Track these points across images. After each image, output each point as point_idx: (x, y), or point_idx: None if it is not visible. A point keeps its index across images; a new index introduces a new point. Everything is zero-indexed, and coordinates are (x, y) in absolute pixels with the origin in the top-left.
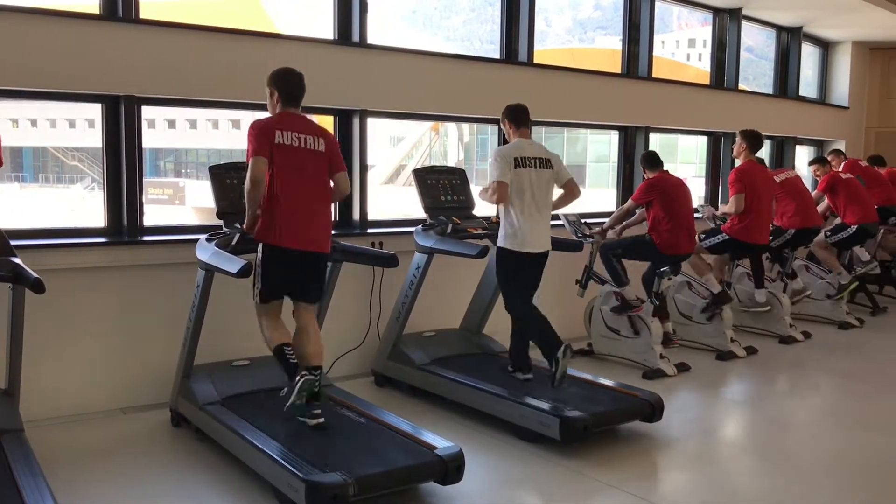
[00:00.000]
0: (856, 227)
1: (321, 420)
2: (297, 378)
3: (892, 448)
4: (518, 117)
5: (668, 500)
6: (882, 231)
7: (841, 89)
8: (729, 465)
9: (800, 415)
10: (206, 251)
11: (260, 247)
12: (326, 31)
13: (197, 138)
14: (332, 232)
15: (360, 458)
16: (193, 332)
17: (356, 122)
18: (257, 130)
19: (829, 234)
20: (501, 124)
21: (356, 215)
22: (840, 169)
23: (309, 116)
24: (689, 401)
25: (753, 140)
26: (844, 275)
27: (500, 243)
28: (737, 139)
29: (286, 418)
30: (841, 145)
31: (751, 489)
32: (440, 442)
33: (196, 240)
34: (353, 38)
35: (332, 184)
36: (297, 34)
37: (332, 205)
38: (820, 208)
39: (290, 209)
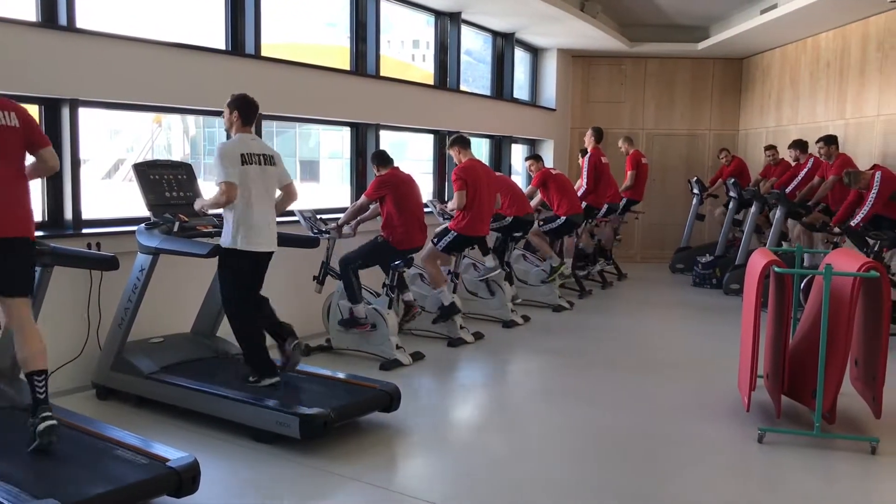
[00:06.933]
0: (564, 218)
1: (54, 422)
2: (39, 422)
3: (605, 418)
4: (248, 113)
5: (407, 487)
6: (591, 224)
7: (549, 92)
8: (464, 446)
9: (525, 393)
10: None
11: None
12: (28, 11)
13: None
14: (42, 234)
15: (83, 480)
16: None
17: (66, 112)
18: None
19: (542, 223)
20: (225, 112)
21: (68, 214)
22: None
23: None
24: (424, 388)
25: (462, 142)
26: (555, 258)
27: (226, 244)
28: (452, 150)
29: None
30: (550, 144)
31: (486, 467)
32: (173, 453)
33: None
34: (60, 20)
35: (32, 161)
36: None
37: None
38: (533, 202)
39: None
